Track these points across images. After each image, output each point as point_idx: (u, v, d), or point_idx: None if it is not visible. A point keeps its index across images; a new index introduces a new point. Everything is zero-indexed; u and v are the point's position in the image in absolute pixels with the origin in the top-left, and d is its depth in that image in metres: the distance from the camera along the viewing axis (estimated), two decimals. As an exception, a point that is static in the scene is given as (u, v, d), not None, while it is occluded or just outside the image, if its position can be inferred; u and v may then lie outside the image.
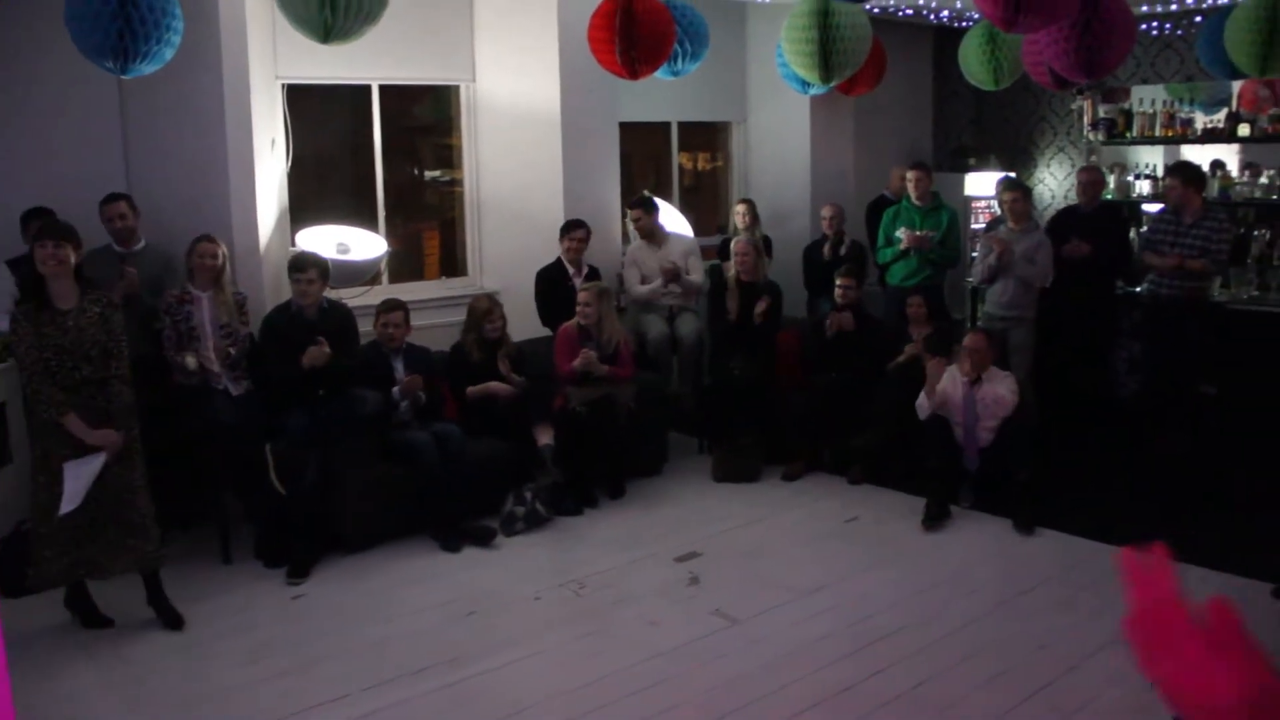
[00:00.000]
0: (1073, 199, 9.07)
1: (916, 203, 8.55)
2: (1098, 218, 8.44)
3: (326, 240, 7.25)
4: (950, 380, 6.94)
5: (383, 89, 7.93)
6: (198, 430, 6.02)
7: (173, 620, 5.28)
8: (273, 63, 7.24)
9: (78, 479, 4.88)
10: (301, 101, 7.52)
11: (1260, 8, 6.37)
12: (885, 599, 5.60)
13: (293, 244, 7.28)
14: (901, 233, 8.44)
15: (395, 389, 6.51)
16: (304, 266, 6.28)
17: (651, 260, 8.32)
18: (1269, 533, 5.99)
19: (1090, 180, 8.57)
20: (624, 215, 8.81)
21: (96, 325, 5.00)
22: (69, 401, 4.91)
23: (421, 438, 6.42)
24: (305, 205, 7.63)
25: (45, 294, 4.94)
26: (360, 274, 7.37)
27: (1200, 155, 9.44)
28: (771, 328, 8.06)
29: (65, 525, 4.91)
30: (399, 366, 6.62)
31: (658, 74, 6.74)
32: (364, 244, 7.45)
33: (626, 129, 8.83)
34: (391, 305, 6.73)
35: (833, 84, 6.41)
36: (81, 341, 4.95)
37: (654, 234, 8.37)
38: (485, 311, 7.01)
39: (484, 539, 6.39)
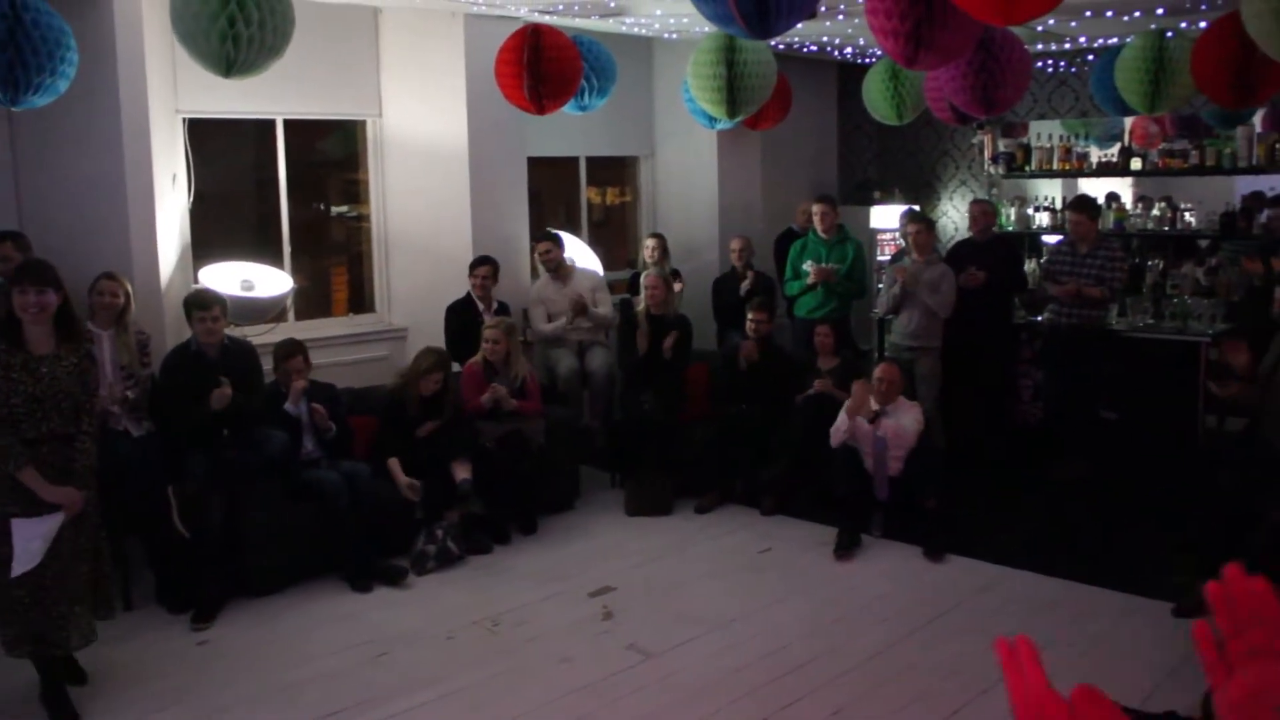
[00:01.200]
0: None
1: (823, 236, 8.66)
2: (991, 248, 8.63)
3: (230, 277, 7.13)
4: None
5: (287, 123, 7.84)
6: (97, 472, 5.84)
7: (75, 675, 5.02)
8: (173, 96, 7.12)
9: (32, 538, 4.49)
10: (203, 135, 7.40)
11: (1147, 49, 6.61)
12: (799, 629, 5.63)
13: (195, 281, 7.15)
14: (808, 265, 8.55)
15: (288, 404, 6.39)
16: (208, 304, 6.14)
17: (558, 296, 8.32)
18: (1169, 554, 6.13)
19: (981, 211, 8.77)
20: (532, 250, 8.80)
21: (72, 376, 4.61)
22: (28, 455, 4.48)
23: (330, 477, 6.32)
24: (208, 242, 7.49)
25: (20, 337, 4.54)
26: (265, 311, 7.25)
27: (1095, 188, 9.71)
28: (681, 361, 8.10)
29: (7, 594, 4.51)
30: (301, 409, 6.49)
31: (565, 109, 6.78)
32: (269, 281, 7.34)
33: (535, 164, 8.84)
34: (289, 351, 6.53)
35: (739, 119, 6.50)
36: (54, 391, 4.54)
37: (560, 268, 8.37)
38: (426, 370, 6.88)
39: (395, 578, 6.30)
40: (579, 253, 8.91)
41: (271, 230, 7.87)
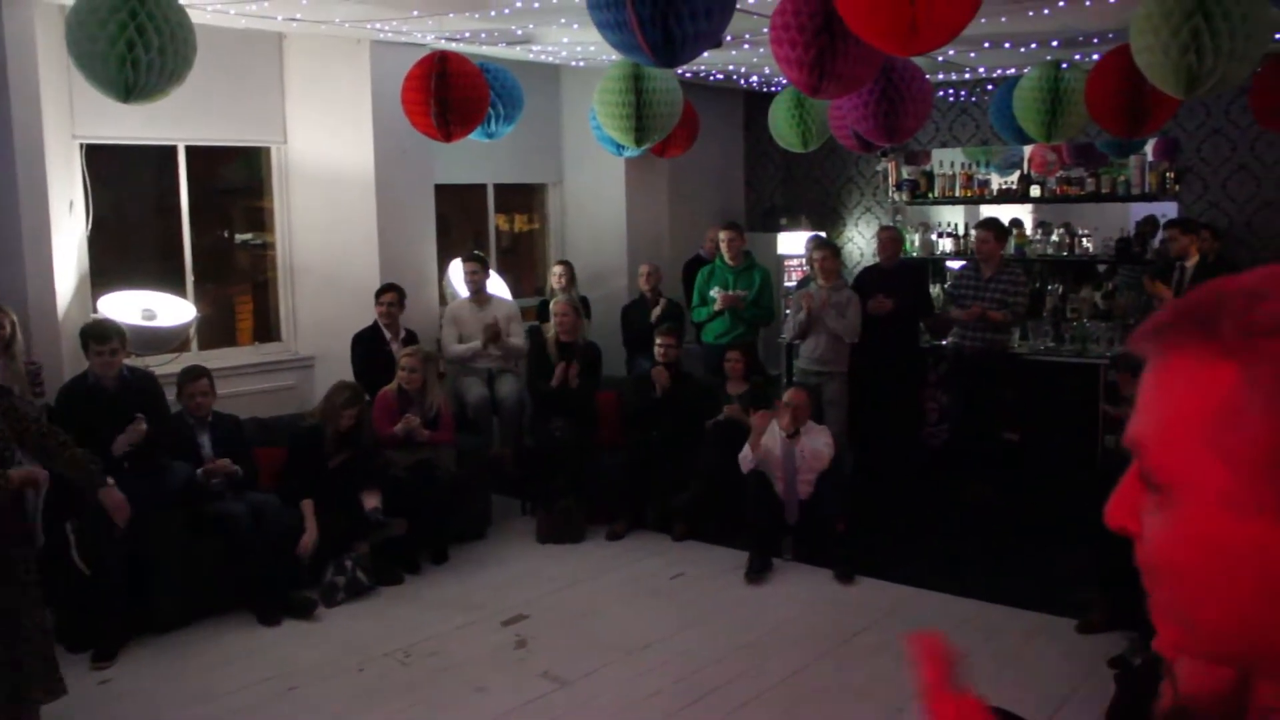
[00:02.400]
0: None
1: (730, 262, 8.72)
2: (899, 274, 8.77)
3: (131, 306, 6.97)
4: (770, 435, 7.08)
5: (190, 149, 7.70)
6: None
7: None
8: (70, 121, 6.95)
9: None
10: (102, 162, 7.24)
11: (1043, 79, 6.81)
12: (712, 653, 5.63)
13: (94, 310, 6.98)
14: (715, 292, 8.61)
15: (200, 470, 6.26)
16: (105, 336, 5.98)
17: (473, 319, 8.29)
18: (1072, 572, 6.25)
19: (890, 239, 8.92)
20: (440, 278, 8.75)
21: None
22: None
23: (235, 509, 6.18)
24: (108, 270, 7.32)
25: None
26: (168, 341, 7.11)
27: (997, 214, 9.91)
28: (591, 388, 8.09)
29: None
30: (205, 441, 6.38)
31: (472, 136, 6.76)
32: (171, 310, 7.19)
33: (442, 191, 8.79)
34: (195, 374, 6.43)
35: (646, 146, 6.54)
36: None
37: (481, 293, 8.34)
38: (343, 405, 6.76)
39: (304, 611, 6.19)
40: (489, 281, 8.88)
41: (174, 258, 7.72)
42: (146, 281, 7.33)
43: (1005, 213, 10.08)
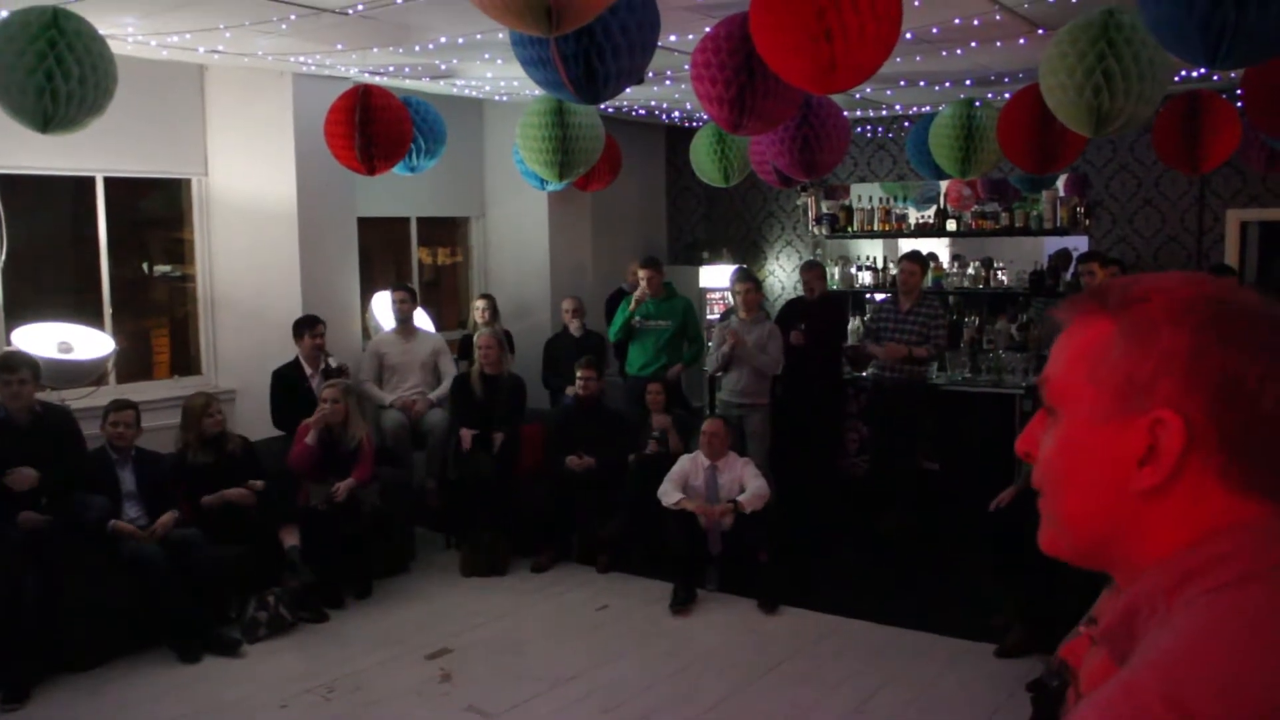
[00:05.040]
0: (801, 289, 9.51)
1: (651, 296, 8.75)
2: (822, 308, 8.90)
3: (47, 339, 6.86)
4: (692, 466, 7.14)
5: (109, 180, 7.61)
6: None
7: None
8: (-16, 151, 6.85)
9: None
10: (17, 192, 7.13)
11: (957, 117, 6.97)
12: (637, 684, 5.65)
13: (8, 343, 6.86)
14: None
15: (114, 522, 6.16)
16: (14, 367, 5.88)
17: (398, 350, 8.30)
18: (990, 598, 6.36)
19: (815, 277, 9.04)
20: (363, 312, 8.72)
21: None
22: None
23: (148, 548, 6.07)
24: (22, 302, 7.19)
25: None
26: (85, 374, 6.99)
27: (914, 248, 10.10)
28: (515, 420, 8.09)
29: None
30: (127, 476, 6.30)
31: (395, 170, 6.77)
32: (88, 342, 7.08)
33: (365, 224, 8.77)
34: (122, 405, 6.42)
35: (568, 181, 6.60)
36: None
37: (408, 323, 8.34)
38: (202, 407, 6.75)
39: (226, 648, 6.10)
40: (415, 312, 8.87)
41: (91, 290, 7.60)
42: (63, 313, 7.22)
43: (923, 246, 10.28)
